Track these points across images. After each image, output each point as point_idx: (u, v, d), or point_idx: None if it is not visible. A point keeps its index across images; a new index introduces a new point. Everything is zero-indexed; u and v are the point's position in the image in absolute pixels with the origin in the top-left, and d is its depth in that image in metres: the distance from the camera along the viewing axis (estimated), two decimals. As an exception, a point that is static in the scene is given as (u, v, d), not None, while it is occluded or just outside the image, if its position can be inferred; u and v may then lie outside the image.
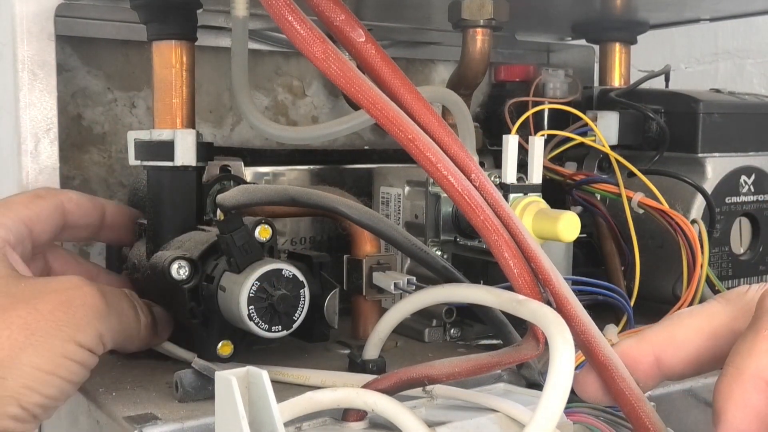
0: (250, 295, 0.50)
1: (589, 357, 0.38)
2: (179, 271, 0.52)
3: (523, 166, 0.61)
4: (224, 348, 0.54)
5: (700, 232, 0.64)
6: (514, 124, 0.67)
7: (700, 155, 0.71)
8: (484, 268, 0.62)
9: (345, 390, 0.39)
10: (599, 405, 0.41)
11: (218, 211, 0.58)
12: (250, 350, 0.56)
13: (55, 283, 0.46)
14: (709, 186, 0.70)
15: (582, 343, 0.38)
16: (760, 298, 0.36)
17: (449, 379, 0.38)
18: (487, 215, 0.37)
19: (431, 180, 0.61)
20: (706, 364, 0.39)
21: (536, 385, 0.50)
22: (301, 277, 0.52)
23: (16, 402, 0.43)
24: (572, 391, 0.34)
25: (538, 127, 0.77)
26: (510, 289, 0.38)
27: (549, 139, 0.71)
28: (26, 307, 0.44)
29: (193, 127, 0.60)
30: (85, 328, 0.45)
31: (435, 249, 0.66)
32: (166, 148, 0.57)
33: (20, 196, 0.54)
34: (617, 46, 0.86)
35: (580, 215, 0.58)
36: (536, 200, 0.60)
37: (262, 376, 0.33)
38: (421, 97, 0.39)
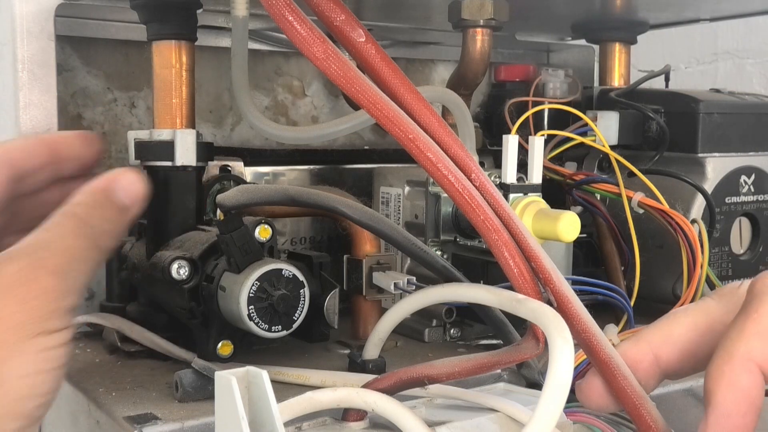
0: (250, 295, 0.50)
1: (590, 356, 0.38)
2: (179, 271, 0.52)
3: (523, 166, 0.61)
4: (224, 348, 0.54)
5: (700, 232, 0.63)
6: (514, 124, 0.67)
7: (700, 155, 0.71)
8: (484, 268, 0.62)
9: (345, 390, 0.39)
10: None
11: (218, 211, 0.58)
12: (250, 350, 0.56)
13: (3, 275, 0.41)
14: (709, 186, 0.70)
15: (583, 342, 0.38)
16: (750, 284, 0.36)
17: (449, 378, 0.38)
18: (487, 215, 0.37)
19: (431, 180, 0.61)
20: (703, 359, 0.39)
21: (536, 385, 0.50)
22: (301, 277, 0.52)
23: (14, 415, 0.40)
24: (572, 391, 0.34)
25: (538, 127, 0.77)
26: (510, 288, 0.38)
27: (549, 139, 0.71)
28: None
29: (193, 127, 0.60)
30: (50, 314, 0.41)
31: (435, 249, 0.66)
32: (166, 148, 0.57)
33: None
34: (617, 46, 0.85)
35: (580, 215, 0.58)
36: (536, 200, 0.60)
37: (262, 376, 0.33)
38: (421, 97, 0.39)
